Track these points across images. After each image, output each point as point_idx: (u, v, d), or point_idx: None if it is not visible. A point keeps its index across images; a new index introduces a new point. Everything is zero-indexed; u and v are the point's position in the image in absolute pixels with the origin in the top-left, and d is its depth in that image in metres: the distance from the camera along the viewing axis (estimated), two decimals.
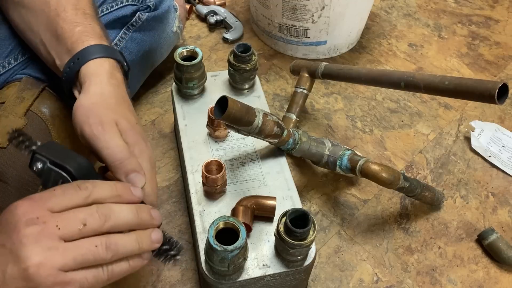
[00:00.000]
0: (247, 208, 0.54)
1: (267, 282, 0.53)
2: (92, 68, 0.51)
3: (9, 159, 0.56)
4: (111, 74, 0.52)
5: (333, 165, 0.65)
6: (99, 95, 0.49)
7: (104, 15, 0.71)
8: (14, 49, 0.64)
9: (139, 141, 0.48)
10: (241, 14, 1.05)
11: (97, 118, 0.47)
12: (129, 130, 0.48)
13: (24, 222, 0.36)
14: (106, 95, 0.49)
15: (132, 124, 0.49)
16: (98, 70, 0.51)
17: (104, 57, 0.52)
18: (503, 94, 0.53)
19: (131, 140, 0.47)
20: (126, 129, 0.47)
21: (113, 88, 0.50)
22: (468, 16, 1.09)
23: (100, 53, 0.52)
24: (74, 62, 0.52)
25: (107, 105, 0.48)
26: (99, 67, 0.51)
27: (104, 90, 0.50)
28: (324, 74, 0.74)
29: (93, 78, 0.50)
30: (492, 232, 0.66)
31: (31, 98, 0.61)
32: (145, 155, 0.48)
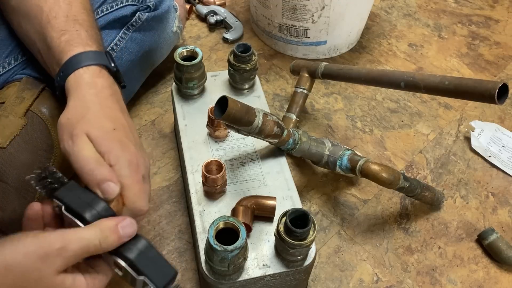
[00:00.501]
0: (247, 208, 0.54)
1: (267, 282, 0.53)
2: (71, 82, 0.51)
3: (9, 159, 0.56)
4: (89, 84, 0.51)
5: (333, 165, 0.65)
6: (74, 108, 0.49)
7: (104, 15, 0.71)
8: (14, 49, 0.64)
9: (114, 147, 0.46)
10: (241, 14, 1.05)
11: (68, 132, 0.46)
12: (101, 139, 0.46)
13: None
14: (82, 106, 0.49)
15: (105, 131, 0.47)
16: (77, 83, 0.51)
17: (85, 66, 0.52)
18: (503, 94, 0.53)
19: (104, 148, 0.46)
20: (97, 138, 0.46)
21: (90, 98, 0.50)
22: (468, 16, 1.09)
23: (82, 62, 0.52)
24: (60, 76, 0.52)
25: (79, 117, 0.48)
26: (78, 79, 0.51)
27: (82, 102, 0.50)
28: (324, 74, 0.74)
29: (72, 92, 0.51)
30: (492, 232, 0.66)
31: (31, 98, 0.61)
32: (122, 161, 0.46)
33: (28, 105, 0.60)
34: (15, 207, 0.56)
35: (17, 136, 0.58)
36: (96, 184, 0.44)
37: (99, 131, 0.47)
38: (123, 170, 0.45)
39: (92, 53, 0.54)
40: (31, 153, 0.58)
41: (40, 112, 0.61)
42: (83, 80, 0.51)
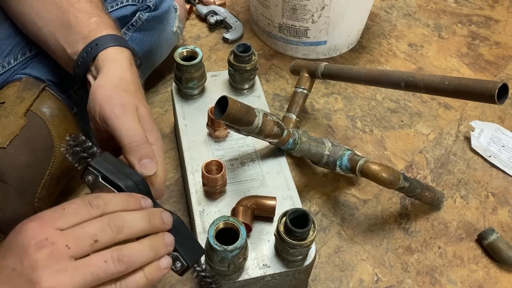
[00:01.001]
0: (247, 208, 0.54)
1: (267, 282, 0.53)
2: (112, 54, 0.52)
3: (9, 159, 0.56)
4: (130, 61, 0.53)
5: (333, 165, 0.65)
6: (119, 79, 0.49)
7: None
8: (14, 48, 0.64)
9: (155, 129, 0.48)
10: (241, 14, 1.05)
11: (119, 99, 0.47)
12: (146, 117, 0.48)
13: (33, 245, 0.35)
14: (127, 80, 0.50)
15: (149, 112, 0.49)
16: (118, 56, 0.52)
17: (123, 47, 0.53)
18: (503, 94, 0.53)
19: (147, 127, 0.47)
20: (145, 116, 0.48)
21: (132, 76, 0.51)
22: (468, 16, 1.09)
23: (119, 42, 0.53)
24: (92, 47, 0.52)
25: (128, 90, 0.49)
26: (119, 54, 0.52)
27: (125, 76, 0.50)
28: (324, 74, 0.74)
29: (113, 63, 0.51)
30: (492, 232, 0.66)
31: (31, 98, 0.61)
32: (159, 144, 0.48)
33: (28, 105, 0.60)
34: (15, 207, 0.56)
35: (17, 136, 0.58)
36: (139, 156, 0.44)
37: (145, 110, 0.48)
38: (159, 152, 0.47)
39: (125, 40, 0.55)
40: (31, 153, 0.58)
41: (40, 112, 0.61)
42: (124, 56, 0.52)
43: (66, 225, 0.37)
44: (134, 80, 0.51)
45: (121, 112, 0.46)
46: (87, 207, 0.38)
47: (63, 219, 0.37)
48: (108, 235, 0.37)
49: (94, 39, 0.52)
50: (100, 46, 0.52)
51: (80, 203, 0.38)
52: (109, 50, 0.52)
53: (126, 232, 0.38)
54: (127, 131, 0.45)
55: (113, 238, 0.38)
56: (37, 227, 0.36)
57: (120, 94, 0.48)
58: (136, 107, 0.47)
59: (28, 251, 0.35)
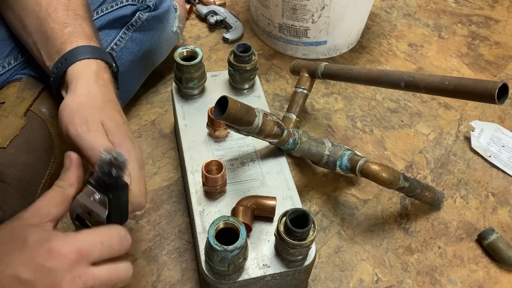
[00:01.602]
0: (247, 208, 0.54)
1: (267, 282, 0.53)
2: (79, 69, 0.51)
3: (9, 159, 0.56)
4: (97, 74, 0.52)
5: (333, 165, 0.65)
6: (85, 95, 0.49)
7: (104, 15, 0.71)
8: (14, 49, 0.64)
9: (125, 141, 0.48)
10: (241, 14, 1.05)
11: (83, 117, 0.46)
12: (115, 130, 0.47)
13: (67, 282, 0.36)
14: (93, 95, 0.49)
15: (118, 124, 0.48)
16: (85, 71, 0.51)
17: (92, 58, 0.52)
18: (503, 94, 0.53)
19: (116, 140, 0.47)
20: (112, 129, 0.47)
21: (100, 89, 0.50)
22: (468, 16, 1.09)
23: (88, 54, 0.52)
24: (62, 62, 0.52)
25: (93, 105, 0.48)
26: (86, 68, 0.52)
27: (91, 90, 0.50)
28: (324, 74, 0.74)
29: (80, 78, 0.51)
30: (492, 232, 0.66)
31: (31, 98, 0.61)
32: (132, 155, 0.47)
33: (28, 105, 0.60)
34: (15, 207, 0.56)
35: (17, 136, 0.58)
36: None
37: (113, 123, 0.48)
38: (132, 164, 0.47)
39: (98, 48, 0.55)
40: (31, 153, 0.58)
41: (40, 112, 0.61)
42: (91, 69, 0.52)
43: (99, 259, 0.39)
44: (101, 93, 0.50)
45: (84, 131, 0.45)
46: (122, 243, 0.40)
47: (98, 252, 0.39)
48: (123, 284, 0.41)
49: (64, 54, 0.52)
50: (69, 61, 0.52)
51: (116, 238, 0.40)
52: (76, 65, 0.51)
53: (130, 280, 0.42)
54: (92, 150, 0.44)
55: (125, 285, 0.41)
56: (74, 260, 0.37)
57: (84, 111, 0.47)
58: (101, 123, 0.47)
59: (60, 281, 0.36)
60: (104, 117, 0.48)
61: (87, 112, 0.47)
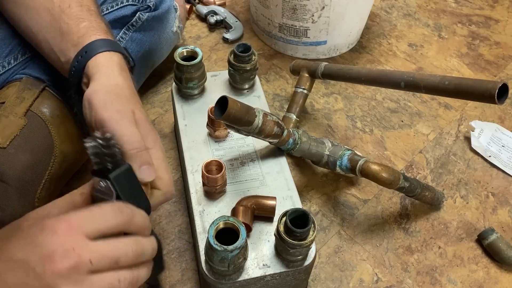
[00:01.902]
0: (247, 208, 0.54)
1: (267, 282, 0.53)
2: (102, 60, 0.51)
3: (9, 159, 0.56)
4: (121, 66, 0.52)
5: (333, 165, 0.65)
6: (112, 86, 0.49)
7: (104, 15, 0.71)
8: (14, 48, 0.64)
9: (152, 132, 0.48)
10: (241, 14, 1.05)
11: (115, 105, 0.47)
12: (142, 121, 0.48)
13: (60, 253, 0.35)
14: (120, 86, 0.50)
15: (145, 115, 0.49)
16: (108, 62, 0.51)
17: (113, 51, 0.53)
18: (503, 94, 0.53)
19: (144, 131, 0.47)
20: (140, 120, 0.48)
21: (124, 80, 0.51)
22: (468, 16, 1.09)
23: (108, 47, 0.53)
24: (82, 55, 0.52)
25: (122, 95, 0.49)
26: (109, 60, 0.52)
27: (117, 82, 0.50)
28: (324, 74, 0.74)
29: (104, 69, 0.50)
30: (492, 232, 0.66)
31: (31, 98, 0.61)
32: (158, 145, 0.48)
33: (28, 105, 0.60)
34: (15, 207, 0.56)
35: (17, 136, 0.58)
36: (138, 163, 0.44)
37: (141, 114, 0.48)
38: (160, 153, 0.48)
39: (116, 43, 0.55)
40: (31, 153, 0.58)
41: (40, 112, 0.61)
42: (114, 61, 0.52)
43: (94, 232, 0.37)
44: (126, 85, 0.50)
45: (119, 117, 0.45)
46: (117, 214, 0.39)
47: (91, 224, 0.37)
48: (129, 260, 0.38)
49: (84, 46, 0.52)
50: (90, 53, 0.51)
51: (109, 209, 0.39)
52: (98, 57, 0.51)
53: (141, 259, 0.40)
54: (126, 137, 0.44)
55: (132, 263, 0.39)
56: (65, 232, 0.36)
57: (115, 100, 0.47)
58: (132, 112, 0.47)
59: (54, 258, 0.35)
60: (134, 108, 0.48)
61: (118, 100, 0.47)
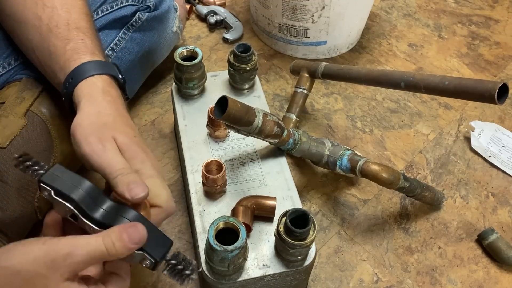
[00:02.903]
0: (247, 208, 0.54)
1: (267, 282, 0.53)
2: (85, 88, 0.51)
3: (9, 159, 0.56)
4: (104, 91, 0.52)
5: (333, 165, 0.65)
6: (95, 114, 0.49)
7: (104, 15, 0.71)
8: (14, 49, 0.64)
9: (137, 152, 0.48)
10: (241, 14, 1.05)
11: (96, 136, 0.47)
12: (126, 145, 0.47)
13: None
14: (102, 113, 0.50)
15: (130, 137, 0.49)
16: (91, 90, 0.51)
17: (97, 75, 0.52)
18: (503, 94, 0.53)
19: (129, 154, 0.47)
20: (123, 144, 0.47)
21: (108, 105, 0.51)
22: (468, 16, 1.09)
23: (92, 70, 0.52)
24: (69, 82, 0.52)
25: (103, 123, 0.49)
26: (92, 86, 0.51)
27: (100, 109, 0.50)
28: (324, 74, 0.74)
29: (87, 97, 0.51)
30: (492, 232, 0.66)
31: (31, 98, 0.61)
32: (147, 164, 0.48)
33: (28, 105, 0.60)
34: (15, 207, 0.56)
35: (17, 136, 0.58)
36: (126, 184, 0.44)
37: (125, 137, 0.48)
38: (151, 171, 0.47)
39: (102, 62, 0.54)
40: (31, 153, 0.58)
41: (40, 112, 0.61)
42: (97, 87, 0.52)
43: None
44: (110, 109, 0.50)
45: (99, 149, 0.46)
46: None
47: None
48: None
49: (70, 73, 0.52)
50: (75, 79, 0.52)
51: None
52: (82, 85, 0.51)
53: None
54: (108, 166, 0.45)
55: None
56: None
57: (96, 130, 0.47)
58: (113, 139, 0.47)
59: None
60: (115, 133, 0.48)
61: (99, 130, 0.47)
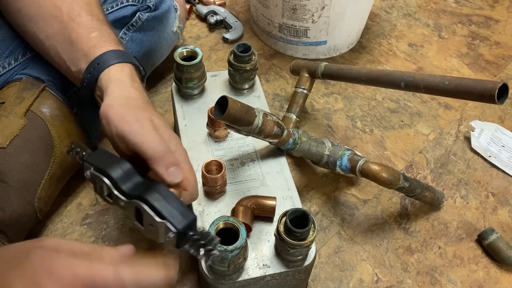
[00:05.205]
0: (247, 208, 0.54)
1: (267, 282, 0.53)
2: (114, 73, 0.52)
3: (9, 159, 0.56)
4: (132, 78, 0.53)
5: (333, 165, 0.65)
6: (125, 98, 0.50)
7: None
8: (14, 49, 0.64)
9: (173, 136, 0.49)
10: (241, 14, 1.05)
11: (133, 116, 0.47)
12: (163, 127, 0.49)
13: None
14: (133, 97, 0.50)
15: (163, 121, 0.50)
16: (120, 75, 0.52)
17: (124, 62, 0.53)
18: (503, 94, 0.53)
19: (165, 136, 0.48)
20: (160, 126, 0.48)
21: (137, 91, 0.51)
22: (468, 16, 1.09)
23: (119, 58, 0.53)
24: (94, 67, 0.52)
25: (137, 105, 0.49)
26: (121, 72, 0.52)
27: (130, 93, 0.51)
28: (324, 74, 0.74)
29: (116, 82, 0.51)
30: (492, 232, 0.66)
31: (31, 98, 0.61)
32: (181, 148, 0.49)
33: (28, 105, 0.60)
34: (15, 207, 0.56)
35: (17, 136, 0.58)
36: (165, 165, 0.45)
37: (160, 120, 0.49)
38: (183, 156, 0.49)
39: (127, 53, 0.55)
40: (31, 153, 0.58)
41: (40, 112, 0.61)
42: (126, 73, 0.53)
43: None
44: (139, 95, 0.51)
45: (138, 127, 0.46)
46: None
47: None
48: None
49: (95, 58, 0.53)
50: (102, 65, 0.52)
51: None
52: (110, 70, 0.52)
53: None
54: (149, 143, 0.45)
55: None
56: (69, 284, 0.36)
57: (132, 110, 0.48)
58: (150, 120, 0.48)
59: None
60: (151, 116, 0.49)
61: (134, 111, 0.48)
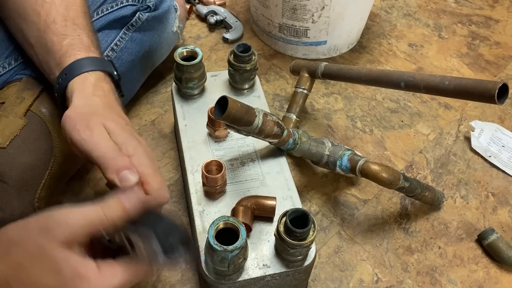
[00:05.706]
0: (247, 208, 0.54)
1: (267, 282, 0.53)
2: (77, 84, 0.52)
3: (9, 159, 0.56)
4: (95, 86, 0.52)
5: (333, 165, 0.65)
6: (84, 105, 0.50)
7: (104, 15, 0.71)
8: (14, 49, 0.64)
9: (130, 139, 0.48)
10: (241, 14, 1.05)
11: (84, 123, 0.47)
12: (118, 131, 0.48)
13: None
14: (92, 104, 0.50)
15: (120, 125, 0.49)
16: (83, 85, 0.52)
17: (91, 71, 0.53)
18: (503, 94, 0.53)
19: (121, 139, 0.47)
20: (115, 130, 0.47)
21: (99, 99, 0.51)
22: (468, 16, 1.09)
23: (87, 66, 0.53)
24: (62, 78, 0.53)
25: (93, 112, 0.49)
26: (84, 82, 0.52)
27: (89, 102, 0.50)
28: (324, 74, 0.74)
29: (78, 92, 0.51)
30: (492, 232, 0.66)
31: (31, 98, 0.61)
32: (140, 151, 0.48)
33: (28, 105, 0.60)
34: (15, 207, 0.56)
35: (17, 136, 0.58)
36: (115, 171, 0.44)
37: (115, 124, 0.48)
38: (142, 159, 0.47)
39: (97, 59, 0.55)
40: (31, 153, 0.58)
41: (40, 112, 0.61)
42: (89, 82, 0.52)
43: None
44: (100, 102, 0.51)
45: (87, 135, 0.46)
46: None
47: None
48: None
49: (64, 69, 0.53)
50: (68, 75, 0.52)
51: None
52: (75, 81, 0.52)
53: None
54: (97, 151, 0.45)
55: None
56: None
57: (84, 118, 0.48)
58: (102, 125, 0.47)
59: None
60: (104, 120, 0.48)
61: (87, 117, 0.48)
